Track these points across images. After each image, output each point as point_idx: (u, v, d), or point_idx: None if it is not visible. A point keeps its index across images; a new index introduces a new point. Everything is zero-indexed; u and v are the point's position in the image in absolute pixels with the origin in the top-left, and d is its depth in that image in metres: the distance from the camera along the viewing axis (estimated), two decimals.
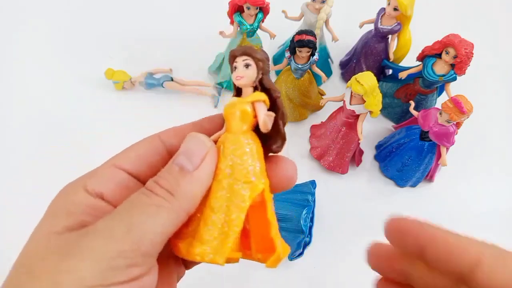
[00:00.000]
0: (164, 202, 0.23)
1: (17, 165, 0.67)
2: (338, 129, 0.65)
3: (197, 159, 0.24)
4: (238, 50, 0.27)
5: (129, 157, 0.26)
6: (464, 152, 0.70)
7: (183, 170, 0.24)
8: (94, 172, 0.25)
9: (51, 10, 0.89)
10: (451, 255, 0.22)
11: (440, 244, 0.23)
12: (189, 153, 0.25)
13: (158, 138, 0.27)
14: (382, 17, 0.70)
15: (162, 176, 0.24)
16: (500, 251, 0.21)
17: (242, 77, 0.27)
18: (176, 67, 0.78)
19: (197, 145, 0.25)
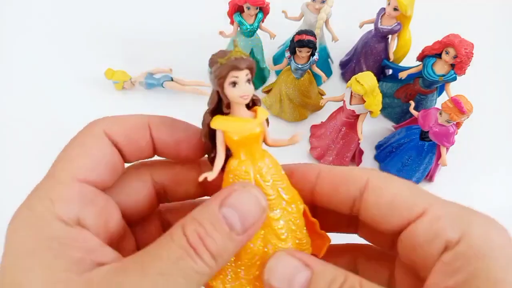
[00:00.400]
0: (207, 269, 0.20)
1: (17, 165, 0.67)
2: (338, 129, 0.65)
3: (249, 223, 0.22)
4: (242, 63, 0.24)
5: (87, 164, 0.23)
6: (464, 152, 0.70)
7: (232, 231, 0.21)
8: (58, 194, 0.21)
9: (51, 10, 0.89)
10: (344, 184, 0.24)
11: (331, 176, 0.25)
12: (244, 214, 0.22)
13: (105, 135, 0.24)
14: (382, 17, 0.70)
15: (208, 230, 0.21)
16: (382, 174, 0.24)
17: (248, 95, 0.24)
18: (176, 67, 0.78)
19: (255, 207, 0.22)
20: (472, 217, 0.21)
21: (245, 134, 0.25)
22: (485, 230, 0.20)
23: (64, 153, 0.23)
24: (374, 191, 0.23)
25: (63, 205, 0.21)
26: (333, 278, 0.21)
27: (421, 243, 0.21)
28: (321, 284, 0.21)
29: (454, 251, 0.20)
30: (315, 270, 0.22)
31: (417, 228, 0.21)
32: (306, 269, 0.22)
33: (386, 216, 0.23)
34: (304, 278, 0.21)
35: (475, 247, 0.20)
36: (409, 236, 0.22)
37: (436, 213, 0.21)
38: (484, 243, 0.19)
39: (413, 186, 0.23)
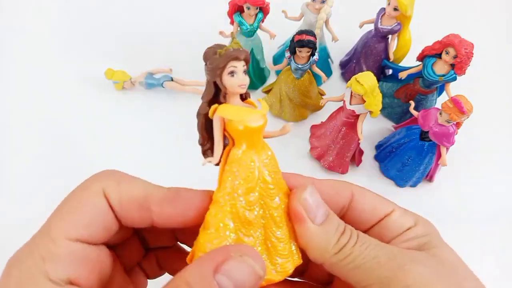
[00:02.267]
0: None
1: (17, 165, 0.67)
2: (338, 129, 0.65)
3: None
4: (241, 53, 0.26)
5: (80, 222, 0.23)
6: (464, 152, 0.70)
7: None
8: (48, 253, 0.21)
9: (51, 10, 0.89)
10: (336, 196, 0.31)
11: (325, 189, 0.31)
12: (239, 285, 0.22)
13: (103, 194, 0.25)
14: (382, 17, 0.70)
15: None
16: (362, 188, 0.32)
17: (245, 85, 0.26)
18: (176, 67, 0.78)
19: (250, 278, 0.22)
20: (417, 215, 0.31)
21: (252, 125, 0.26)
22: (427, 223, 0.31)
23: (60, 207, 0.24)
24: (359, 200, 0.31)
25: (54, 265, 0.21)
26: (339, 221, 0.29)
27: (393, 228, 0.30)
28: (336, 220, 0.28)
29: (412, 230, 0.29)
30: (329, 210, 0.29)
31: (390, 221, 0.30)
32: (325, 207, 0.28)
33: (369, 216, 0.31)
34: (325, 213, 0.28)
35: (423, 229, 0.29)
36: (383, 226, 0.30)
37: (399, 211, 0.31)
38: (428, 229, 0.30)
39: (379, 195, 0.32)
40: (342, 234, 0.27)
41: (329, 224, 0.28)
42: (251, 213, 0.27)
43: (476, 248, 0.62)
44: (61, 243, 0.22)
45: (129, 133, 0.71)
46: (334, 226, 0.28)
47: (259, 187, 0.27)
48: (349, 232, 0.28)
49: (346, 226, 0.28)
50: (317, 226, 0.27)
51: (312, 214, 0.27)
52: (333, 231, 0.27)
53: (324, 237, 0.27)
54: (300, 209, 0.27)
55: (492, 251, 0.62)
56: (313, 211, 0.27)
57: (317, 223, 0.27)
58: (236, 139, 0.27)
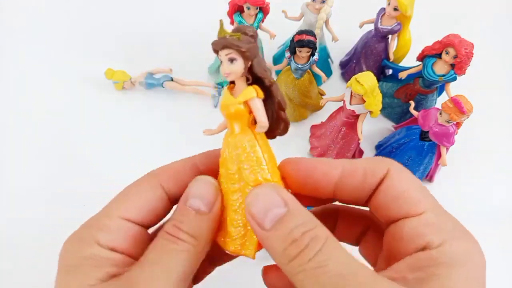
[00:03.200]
0: (191, 247, 0.25)
1: (17, 164, 0.67)
2: (338, 129, 0.65)
3: (210, 201, 0.26)
4: (217, 44, 0.25)
5: (135, 207, 0.27)
6: (464, 152, 0.70)
7: (199, 213, 0.26)
8: (102, 225, 0.26)
9: (51, 10, 0.89)
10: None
11: (354, 169, 0.27)
12: (202, 197, 0.26)
13: (159, 184, 0.28)
14: (382, 17, 0.70)
15: (180, 220, 0.26)
16: (401, 169, 0.27)
17: (229, 73, 0.26)
18: (176, 67, 0.78)
19: (208, 189, 0.27)
20: (459, 234, 0.24)
21: (223, 111, 0.27)
22: (463, 245, 0.23)
23: (118, 195, 0.28)
24: (390, 184, 0.26)
25: (105, 234, 0.25)
26: (303, 222, 0.23)
27: (404, 236, 0.24)
28: (290, 223, 0.23)
29: (428, 252, 0.23)
30: (291, 210, 0.24)
31: (409, 224, 0.24)
32: (283, 207, 0.24)
33: (392, 205, 0.25)
34: (279, 214, 0.24)
35: (449, 256, 0.22)
36: (399, 227, 0.25)
37: (430, 219, 0.24)
38: (458, 256, 0.22)
39: (420, 185, 0.26)
40: (292, 242, 0.22)
41: (279, 228, 0.23)
42: (226, 185, 0.28)
43: None
44: (115, 219, 0.26)
45: (129, 133, 0.71)
46: (284, 230, 0.23)
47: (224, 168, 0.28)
48: (306, 241, 0.22)
49: (309, 231, 0.23)
50: (265, 232, 0.24)
51: (259, 220, 0.24)
52: (281, 236, 0.23)
53: (273, 243, 0.24)
54: (248, 217, 0.25)
55: (492, 251, 0.62)
56: (260, 217, 0.24)
57: (266, 229, 0.24)
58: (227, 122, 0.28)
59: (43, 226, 0.58)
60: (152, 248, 0.25)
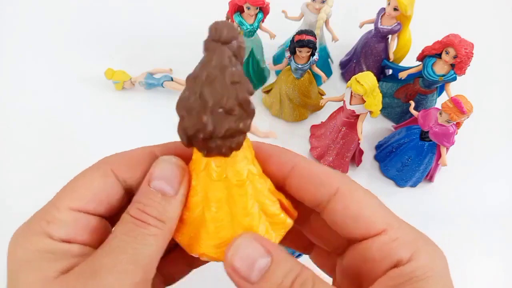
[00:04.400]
0: (158, 231, 0.24)
1: (17, 164, 0.67)
2: (338, 129, 0.65)
3: (176, 183, 0.25)
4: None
5: (84, 196, 0.25)
6: (464, 152, 0.70)
7: (165, 195, 0.25)
8: (51, 217, 0.24)
9: (51, 10, 0.89)
10: (313, 186, 0.26)
11: (304, 174, 0.26)
12: (168, 178, 0.25)
13: (111, 171, 0.26)
14: (382, 17, 0.70)
15: (145, 203, 0.24)
16: (352, 184, 0.26)
17: None
18: (176, 67, 0.78)
19: (173, 170, 0.25)
20: (423, 242, 0.24)
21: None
22: (431, 256, 0.23)
23: (67, 185, 0.26)
24: (341, 201, 0.25)
25: (56, 227, 0.24)
26: (290, 269, 0.23)
27: (374, 257, 0.24)
28: (278, 273, 0.23)
29: (401, 269, 0.23)
30: (275, 258, 0.23)
31: (374, 244, 0.24)
32: (267, 256, 0.23)
33: (348, 226, 0.25)
34: (264, 264, 0.23)
35: (420, 269, 0.22)
36: (364, 248, 0.24)
37: (393, 234, 0.24)
38: (427, 268, 0.23)
39: (377, 202, 0.26)
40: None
41: (269, 279, 0.23)
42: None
43: (476, 248, 0.62)
44: (64, 211, 0.24)
45: (129, 133, 0.71)
46: (275, 281, 0.22)
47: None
48: (297, 287, 0.22)
49: (298, 277, 0.23)
50: (251, 286, 0.23)
51: (244, 274, 0.23)
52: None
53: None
54: (229, 271, 0.24)
55: (492, 251, 0.62)
56: (245, 270, 0.23)
57: (253, 282, 0.23)
58: None
59: None
60: (116, 233, 0.23)
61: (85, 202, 0.25)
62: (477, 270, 0.61)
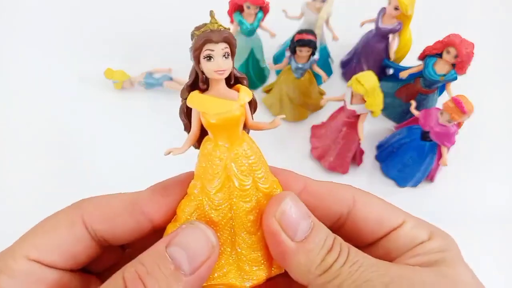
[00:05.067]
0: None
1: (16, 164, 0.67)
2: (339, 129, 0.65)
3: (198, 262, 0.21)
4: (217, 35, 0.22)
5: (44, 246, 0.22)
6: (464, 152, 0.70)
7: (178, 271, 0.21)
8: (5, 267, 0.22)
9: (51, 10, 0.89)
10: (333, 201, 0.27)
11: (319, 192, 0.27)
12: (190, 251, 0.21)
13: (81, 221, 0.23)
14: (383, 16, 0.70)
15: (149, 270, 0.20)
16: (364, 192, 0.28)
17: (224, 70, 0.23)
18: (175, 67, 0.78)
19: (201, 243, 0.22)
20: (433, 227, 0.27)
21: (223, 116, 0.23)
22: (444, 237, 0.27)
23: (31, 230, 0.23)
24: (363, 208, 0.27)
25: (9, 279, 0.21)
26: (328, 233, 0.24)
27: (402, 244, 0.26)
28: (321, 234, 0.24)
29: (424, 245, 0.26)
30: (315, 221, 0.24)
31: (400, 234, 0.26)
32: (309, 218, 0.24)
33: (373, 229, 0.27)
34: (308, 226, 0.24)
35: (438, 244, 0.26)
36: (391, 240, 0.26)
37: (412, 223, 0.27)
38: (444, 244, 0.26)
39: (388, 203, 0.28)
40: (328, 251, 0.23)
41: (313, 240, 0.23)
42: (216, 213, 0.24)
43: (476, 248, 0.62)
44: (20, 261, 0.22)
45: (128, 133, 0.71)
46: (319, 242, 0.23)
47: (227, 186, 0.24)
48: (338, 248, 0.23)
49: (336, 239, 0.24)
50: (297, 244, 0.23)
51: (291, 230, 0.23)
52: (317, 248, 0.23)
53: (305, 257, 0.23)
54: (275, 226, 0.23)
55: (492, 251, 0.62)
56: (292, 226, 0.23)
57: (298, 240, 0.23)
58: (210, 132, 0.24)
59: None
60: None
61: (45, 253, 0.22)
62: (477, 270, 0.61)
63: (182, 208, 0.25)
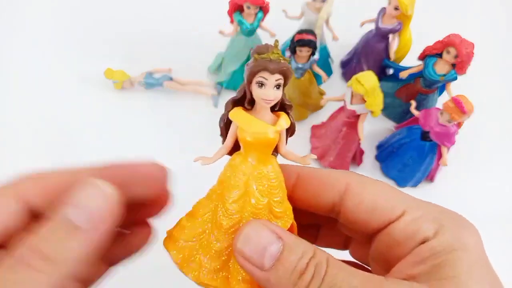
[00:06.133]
0: (42, 276, 0.19)
1: (16, 164, 0.67)
2: (339, 129, 0.65)
3: (95, 215, 0.20)
4: (275, 66, 0.23)
5: None
6: (465, 152, 0.70)
7: (73, 227, 0.20)
8: None
9: (50, 9, 0.89)
10: (323, 188, 0.25)
11: (311, 180, 0.26)
12: (84, 206, 0.20)
13: (14, 196, 0.22)
14: (383, 16, 0.70)
15: (42, 236, 0.19)
16: (361, 177, 0.25)
17: (272, 100, 0.24)
18: (176, 67, 0.78)
19: (96, 197, 0.21)
20: (446, 216, 0.23)
21: (258, 136, 0.24)
22: (457, 229, 0.22)
23: None
24: (354, 196, 0.25)
25: None
26: (303, 252, 0.22)
27: (399, 241, 0.23)
28: (292, 257, 0.22)
29: (426, 245, 0.22)
30: (287, 242, 0.22)
31: (397, 228, 0.23)
32: (278, 241, 0.22)
33: (366, 220, 0.24)
34: (276, 250, 0.22)
35: (445, 243, 0.21)
36: (388, 234, 0.24)
37: (414, 214, 0.23)
38: (454, 241, 0.21)
39: (390, 188, 0.25)
40: (301, 275, 0.21)
41: (282, 265, 0.22)
42: (226, 221, 0.25)
43: None
44: None
45: (128, 133, 0.71)
46: (289, 266, 0.22)
47: (243, 201, 0.25)
48: (312, 269, 0.21)
49: (312, 258, 0.22)
50: (266, 273, 0.22)
51: (256, 260, 0.22)
52: (287, 274, 0.21)
53: (277, 282, 0.22)
54: (239, 259, 0.23)
55: (492, 251, 0.62)
56: (257, 258, 0.22)
57: (267, 268, 0.22)
58: (243, 147, 0.26)
59: None
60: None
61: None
62: None
63: (199, 206, 0.26)
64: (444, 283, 0.20)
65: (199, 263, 0.25)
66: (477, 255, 0.21)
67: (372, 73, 0.56)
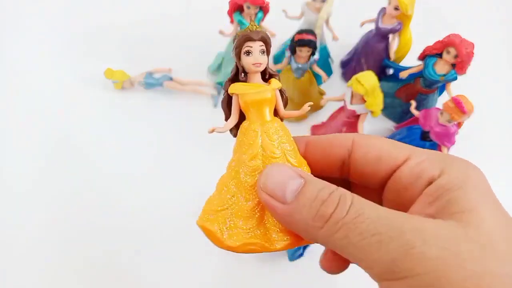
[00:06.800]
0: None
1: (16, 164, 0.67)
2: (339, 129, 0.65)
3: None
4: (256, 34, 0.27)
5: None
6: (464, 152, 0.70)
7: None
8: None
9: (51, 10, 0.89)
10: (332, 148, 0.27)
11: (320, 143, 0.28)
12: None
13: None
14: (383, 16, 0.70)
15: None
16: (364, 134, 0.27)
17: (261, 64, 0.27)
18: (176, 67, 0.78)
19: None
20: (451, 158, 0.24)
21: (256, 97, 0.27)
22: (463, 168, 0.23)
23: None
24: (361, 148, 0.26)
25: None
26: (323, 186, 0.23)
27: (407, 185, 0.24)
28: (313, 189, 0.23)
29: (435, 184, 0.22)
30: (307, 179, 0.24)
31: (403, 172, 0.24)
32: (300, 178, 0.24)
33: (374, 170, 0.25)
34: (298, 184, 0.23)
35: (453, 180, 0.22)
36: (395, 181, 0.24)
37: (418, 158, 0.24)
38: (461, 178, 0.22)
39: (393, 140, 0.26)
40: (322, 203, 0.22)
41: (303, 196, 0.23)
42: (251, 179, 0.27)
43: None
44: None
45: (128, 133, 0.71)
46: (310, 196, 0.22)
47: (261, 154, 0.27)
48: (336, 199, 0.22)
49: (334, 192, 0.22)
50: (288, 205, 0.23)
51: (279, 195, 0.23)
52: (309, 202, 0.22)
53: (299, 214, 0.22)
54: (263, 196, 0.24)
55: None
56: (279, 190, 0.23)
57: (289, 201, 0.23)
58: (246, 113, 0.28)
59: (41, 225, 0.58)
60: None
61: None
62: None
63: (222, 179, 0.28)
64: (458, 216, 0.20)
65: (234, 227, 0.27)
66: (485, 189, 0.22)
67: (372, 73, 0.56)
